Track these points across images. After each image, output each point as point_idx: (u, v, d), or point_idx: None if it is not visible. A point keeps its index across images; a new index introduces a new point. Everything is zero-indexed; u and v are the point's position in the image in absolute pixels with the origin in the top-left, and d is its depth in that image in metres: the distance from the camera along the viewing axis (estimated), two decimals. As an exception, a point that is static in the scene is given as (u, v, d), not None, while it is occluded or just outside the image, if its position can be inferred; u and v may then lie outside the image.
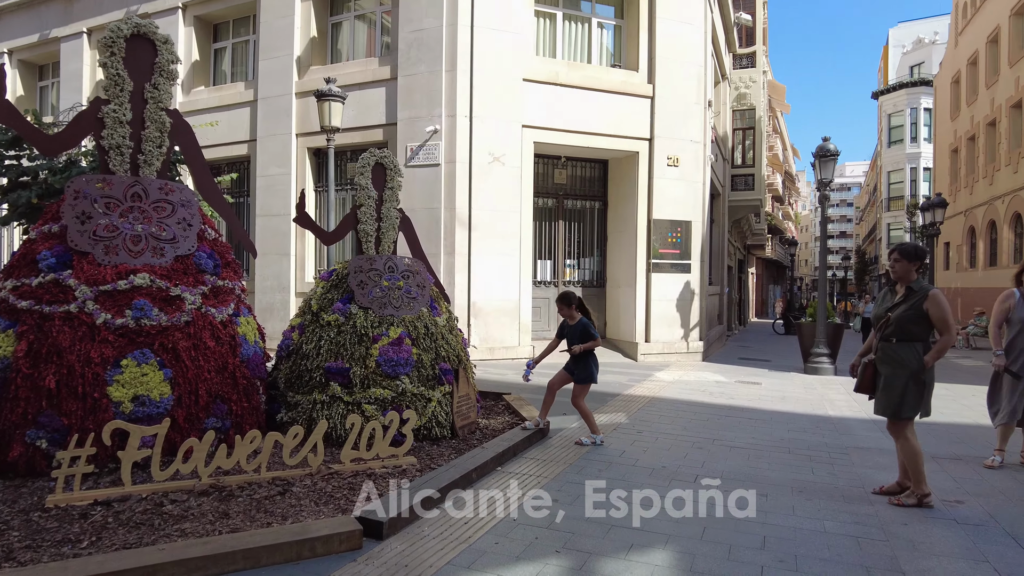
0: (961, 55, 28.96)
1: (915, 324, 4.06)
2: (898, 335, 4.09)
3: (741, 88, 20.55)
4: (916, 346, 4.04)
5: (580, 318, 5.52)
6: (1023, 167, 21.58)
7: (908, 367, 4.02)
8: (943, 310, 4.00)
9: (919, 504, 3.98)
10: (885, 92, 45.24)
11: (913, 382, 4.02)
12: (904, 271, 4.20)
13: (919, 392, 4.04)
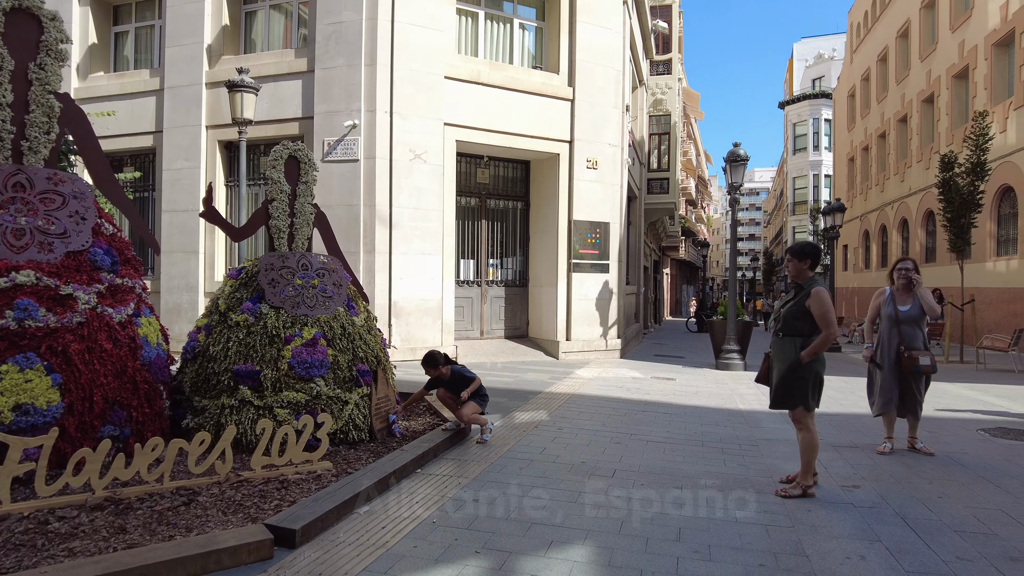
0: (856, 71, 31.04)
1: (797, 320, 4.18)
2: (784, 330, 4.25)
3: (657, 94, 21.20)
4: (796, 341, 4.17)
5: (451, 369, 5.58)
6: (909, 176, 23.34)
7: (787, 361, 4.17)
8: (823, 307, 4.06)
9: (803, 495, 4.12)
10: (790, 103, 47.80)
11: (792, 375, 4.14)
12: (796, 270, 4.32)
13: (800, 385, 4.13)
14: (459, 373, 5.53)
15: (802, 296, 4.18)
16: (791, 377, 4.16)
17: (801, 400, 4.16)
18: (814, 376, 4.18)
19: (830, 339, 4.09)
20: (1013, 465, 4.99)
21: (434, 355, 5.52)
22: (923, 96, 22.18)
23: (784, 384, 4.20)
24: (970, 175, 13.73)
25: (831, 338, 4.09)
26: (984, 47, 17.86)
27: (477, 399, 5.53)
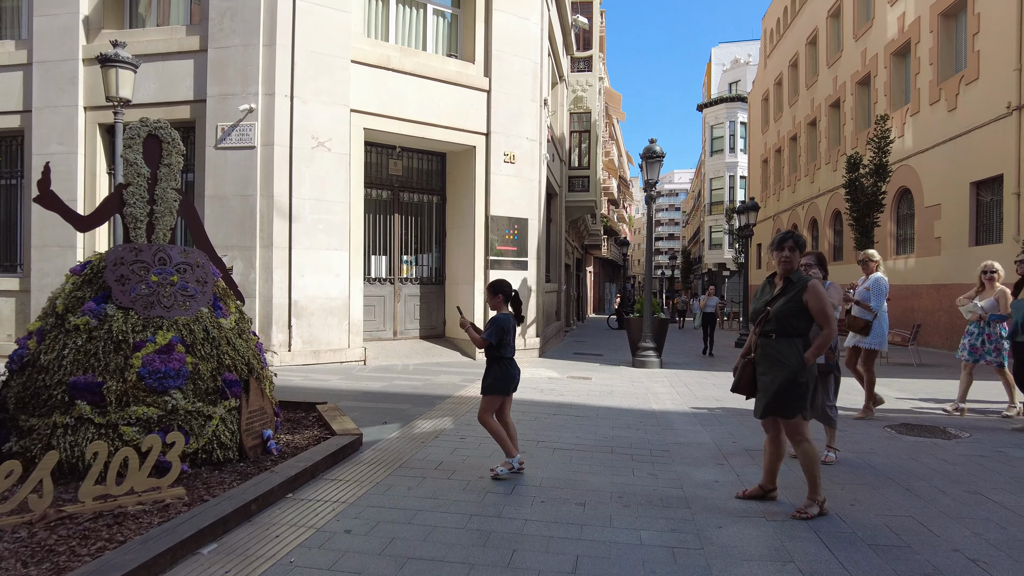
0: (769, 76, 32.10)
1: (795, 318, 3.77)
2: (778, 330, 3.82)
3: (578, 91, 21.08)
4: (796, 342, 3.76)
5: (499, 314, 4.61)
6: (818, 178, 24.23)
7: (787, 365, 3.74)
8: (823, 301, 3.72)
9: (821, 512, 3.74)
10: (707, 105, 49.19)
11: (793, 381, 3.72)
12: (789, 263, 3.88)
13: (800, 391, 3.73)
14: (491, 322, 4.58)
15: (796, 291, 3.79)
16: (793, 383, 3.73)
17: (800, 408, 3.75)
18: (813, 380, 3.85)
19: (832, 337, 3.77)
20: (919, 464, 4.90)
21: (496, 283, 4.69)
22: (830, 101, 23.07)
23: (785, 391, 3.75)
24: (874, 176, 14.22)
25: (832, 335, 3.77)
26: (884, 56, 18.66)
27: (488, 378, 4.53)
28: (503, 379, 4.50)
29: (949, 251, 15.14)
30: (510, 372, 4.54)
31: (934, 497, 4.09)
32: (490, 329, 4.51)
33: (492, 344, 4.50)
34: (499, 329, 4.50)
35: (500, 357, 4.53)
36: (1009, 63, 12.91)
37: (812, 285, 3.77)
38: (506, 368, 4.52)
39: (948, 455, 5.19)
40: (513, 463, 4.49)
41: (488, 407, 4.51)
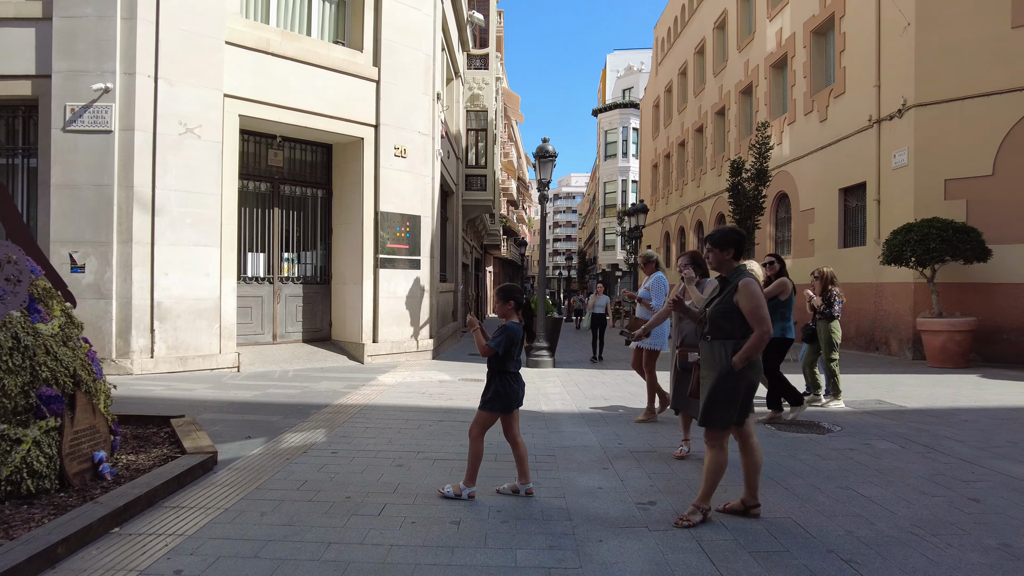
0: (660, 83, 33.27)
1: (725, 319, 3.57)
2: (712, 332, 3.64)
3: (475, 89, 20.84)
4: (727, 345, 3.55)
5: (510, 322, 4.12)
6: (704, 182, 25.29)
7: (717, 369, 3.57)
8: (753, 301, 3.47)
9: (704, 520, 3.58)
10: (602, 111, 50.49)
11: (723, 386, 3.53)
12: (718, 260, 3.72)
13: (729, 398, 3.53)
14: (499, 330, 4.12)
15: (729, 291, 3.60)
16: (722, 388, 3.55)
17: (724, 418, 3.56)
18: (747, 386, 3.58)
19: (763, 339, 3.48)
20: (797, 461, 4.97)
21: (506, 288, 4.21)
22: (716, 108, 24.13)
23: (714, 397, 3.57)
24: (754, 181, 14.89)
25: (765, 338, 3.48)
26: (764, 67, 19.69)
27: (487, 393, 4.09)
28: (504, 395, 4.05)
29: (821, 252, 16.14)
30: (512, 388, 4.09)
31: (811, 495, 4.11)
32: (499, 338, 4.05)
33: (498, 355, 4.05)
34: (508, 339, 4.05)
35: (503, 370, 4.08)
36: (870, 79, 13.88)
37: (743, 284, 3.52)
38: (508, 383, 4.08)
39: (822, 450, 5.31)
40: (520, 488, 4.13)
41: (483, 424, 4.08)
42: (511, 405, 4.09)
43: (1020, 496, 4.10)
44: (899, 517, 3.69)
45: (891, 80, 13.28)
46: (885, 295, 13.44)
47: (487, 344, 4.01)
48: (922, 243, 11.07)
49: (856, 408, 7.33)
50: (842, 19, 15.25)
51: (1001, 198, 11.65)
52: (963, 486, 4.31)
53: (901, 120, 12.93)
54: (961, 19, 12.07)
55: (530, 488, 4.12)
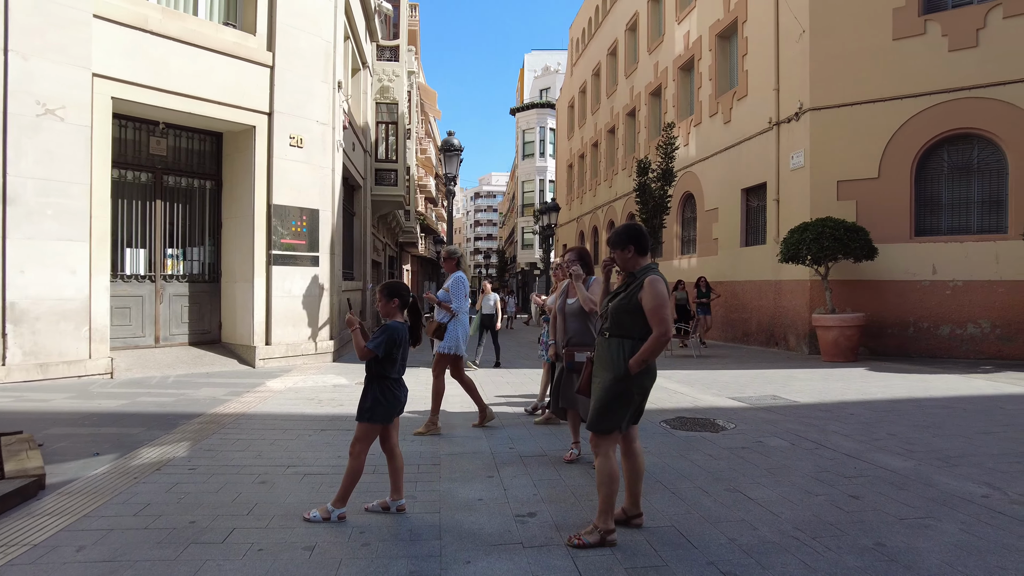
0: (575, 84, 33.56)
1: (628, 315, 3.33)
2: (612, 329, 3.39)
3: (385, 81, 20.21)
4: (625, 344, 3.30)
5: (393, 322, 3.75)
6: (616, 182, 25.63)
7: (612, 369, 3.32)
8: (655, 299, 3.21)
9: (602, 543, 3.20)
10: (520, 110, 50.62)
11: (615, 388, 3.28)
12: (622, 261, 3.45)
13: (623, 401, 3.28)
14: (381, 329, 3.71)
15: (635, 287, 3.34)
16: (613, 390, 3.29)
17: (612, 422, 3.30)
18: (640, 391, 3.33)
19: (663, 341, 3.23)
20: (688, 462, 4.85)
21: (389, 285, 3.84)
22: (628, 110, 24.50)
23: (605, 399, 3.31)
24: (661, 180, 15.10)
25: (664, 340, 3.22)
26: (673, 70, 20.10)
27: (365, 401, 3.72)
28: (385, 403, 3.65)
29: (725, 251, 16.59)
30: (394, 394, 3.70)
31: (697, 499, 3.97)
32: (379, 339, 3.63)
33: (378, 357, 3.63)
34: (389, 340, 3.64)
35: (383, 376, 3.67)
36: (770, 83, 14.34)
37: (649, 282, 3.27)
38: (389, 390, 3.68)
39: (714, 449, 5.24)
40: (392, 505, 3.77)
41: (364, 438, 3.65)
42: (392, 413, 3.73)
43: (895, 490, 4.12)
44: (782, 520, 3.59)
45: (789, 84, 13.75)
46: (783, 292, 13.92)
47: (365, 346, 3.63)
48: (816, 242, 11.48)
49: (752, 404, 7.40)
50: (744, 24, 15.71)
51: (885, 200, 12.26)
52: (845, 483, 4.30)
53: (798, 123, 13.41)
54: (850, 29, 12.62)
55: (403, 504, 3.77)
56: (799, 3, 13.27)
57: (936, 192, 12.20)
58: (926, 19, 12.00)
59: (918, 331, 12.02)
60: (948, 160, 12.10)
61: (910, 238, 12.15)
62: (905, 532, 3.40)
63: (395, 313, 3.77)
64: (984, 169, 11.80)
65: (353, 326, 3.61)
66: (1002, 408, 6.98)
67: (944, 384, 8.68)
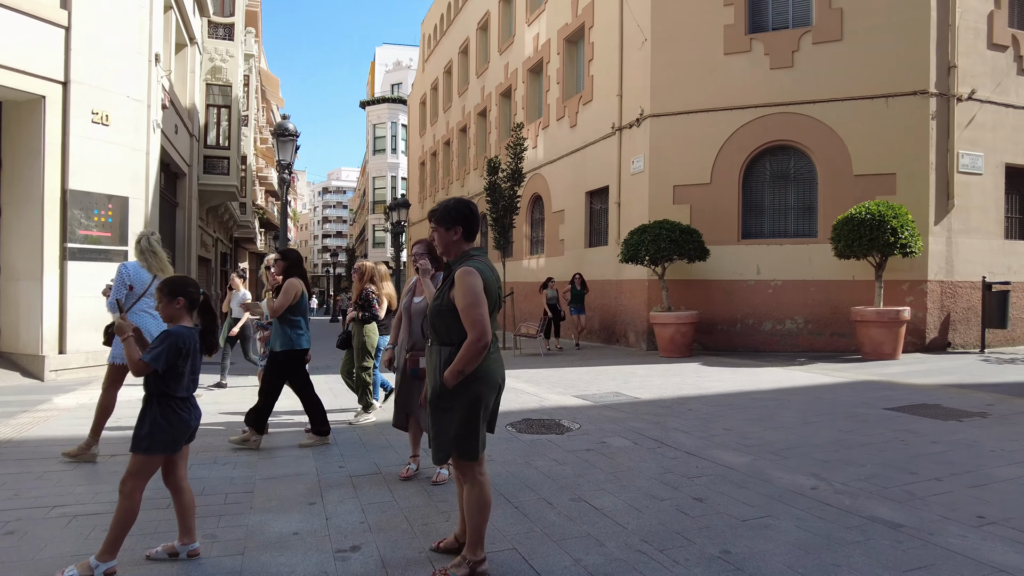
0: (427, 80, 33.01)
1: (442, 319, 2.81)
2: (431, 334, 2.91)
3: (217, 60, 18.43)
4: (444, 353, 2.79)
5: (176, 326, 2.99)
6: (468, 182, 25.45)
7: (433, 383, 2.82)
8: (468, 298, 2.69)
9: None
10: (370, 104, 49.14)
11: (438, 406, 2.79)
12: (444, 243, 2.89)
13: (449, 421, 2.77)
14: None
15: (449, 282, 2.84)
16: (438, 408, 2.80)
17: (454, 445, 2.79)
18: (472, 405, 2.77)
19: (479, 348, 2.68)
20: (532, 469, 4.58)
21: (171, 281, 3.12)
22: (479, 109, 24.39)
23: (432, 420, 2.82)
24: (510, 180, 15.04)
25: (480, 346, 2.68)
26: (522, 71, 20.24)
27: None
28: (168, 429, 2.92)
29: (571, 251, 16.93)
30: (180, 417, 2.95)
31: (541, 514, 3.67)
32: (158, 349, 2.85)
33: (157, 372, 2.86)
34: (172, 350, 2.88)
35: (165, 394, 2.92)
36: (614, 89, 14.79)
37: (460, 275, 2.75)
38: (174, 411, 2.93)
39: (559, 454, 5.02)
40: (181, 550, 3.05)
41: (140, 471, 2.90)
42: (178, 441, 3.03)
43: (736, 488, 4.10)
44: (629, 531, 3.38)
45: (631, 91, 14.24)
46: (624, 291, 14.40)
47: (140, 359, 2.90)
48: (654, 243, 11.93)
49: (596, 402, 7.37)
50: (591, 30, 16.10)
51: (716, 204, 13.05)
52: (688, 484, 4.23)
53: (639, 129, 13.92)
54: (687, 41, 13.29)
55: (195, 548, 3.09)
56: (642, 12, 13.78)
57: (760, 198, 13.19)
58: (752, 38, 12.93)
59: (745, 327, 12.92)
60: (770, 169, 13.12)
61: (738, 241, 13.02)
62: (748, 535, 3.32)
63: (182, 316, 3.07)
64: (799, 178, 12.94)
65: (124, 334, 2.90)
66: (819, 398, 7.51)
67: (770, 377, 9.27)
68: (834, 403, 7.14)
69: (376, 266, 6.52)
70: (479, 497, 2.82)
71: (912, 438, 5.40)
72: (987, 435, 5.47)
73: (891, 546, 3.15)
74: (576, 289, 14.29)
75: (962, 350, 12.06)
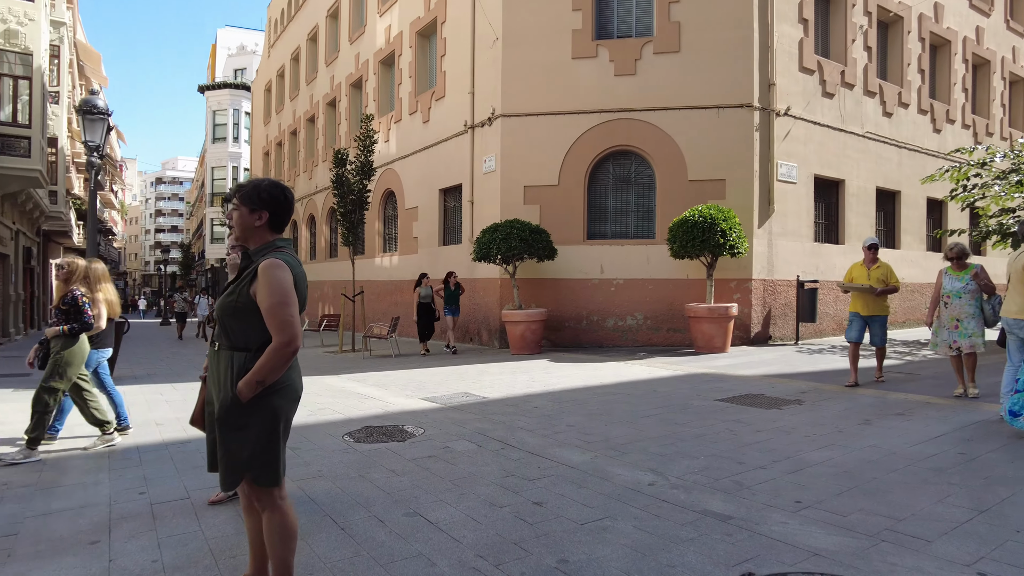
0: (272, 67, 31.06)
1: (236, 319, 2.39)
2: (220, 338, 2.44)
3: (12, 22, 15.93)
4: (240, 358, 2.38)
5: None
6: (316, 175, 24.25)
7: (223, 393, 2.38)
8: (276, 295, 2.31)
9: None
10: (211, 88, 45.57)
11: (228, 422, 2.34)
12: (243, 228, 2.48)
13: (243, 440, 2.34)
14: None
15: (248, 276, 2.40)
16: (227, 426, 2.33)
17: (249, 468, 2.34)
18: (271, 422, 2.36)
19: (287, 354, 2.30)
20: (367, 483, 4.23)
21: None
22: (328, 99, 23.28)
23: (221, 439, 2.35)
24: (360, 174, 14.40)
25: (288, 351, 2.30)
26: (374, 63, 19.55)
27: None
28: None
29: (425, 249, 16.58)
30: None
31: (371, 533, 3.34)
32: None
33: None
34: None
35: None
36: (466, 86, 14.65)
37: (264, 268, 2.35)
38: None
39: (398, 463, 4.70)
40: None
41: None
42: None
43: (576, 489, 4.03)
44: (464, 546, 3.15)
45: (483, 89, 14.17)
46: (478, 290, 14.31)
47: None
48: (505, 242, 11.93)
49: (444, 404, 7.12)
50: (444, 24, 15.84)
51: (564, 205, 13.32)
52: (529, 487, 4.09)
53: (491, 128, 13.87)
54: (538, 42, 13.44)
55: None
56: (494, 11, 13.74)
57: (604, 200, 13.64)
58: (598, 44, 13.34)
59: (590, 323, 13.30)
60: (613, 172, 13.61)
61: (583, 241, 13.38)
62: (587, 540, 3.21)
63: None
64: (639, 182, 13.54)
65: None
66: (656, 391, 7.80)
67: (612, 372, 9.54)
68: (670, 396, 7.44)
69: (92, 264, 5.43)
70: (282, 526, 2.43)
71: (740, 428, 5.69)
72: (802, 421, 5.91)
73: (722, 539, 3.19)
74: (450, 289, 13.23)
75: (781, 342, 13.25)
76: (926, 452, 4.77)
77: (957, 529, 3.29)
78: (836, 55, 14.73)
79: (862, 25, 15.02)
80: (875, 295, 7.63)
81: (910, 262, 16.02)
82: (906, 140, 16.23)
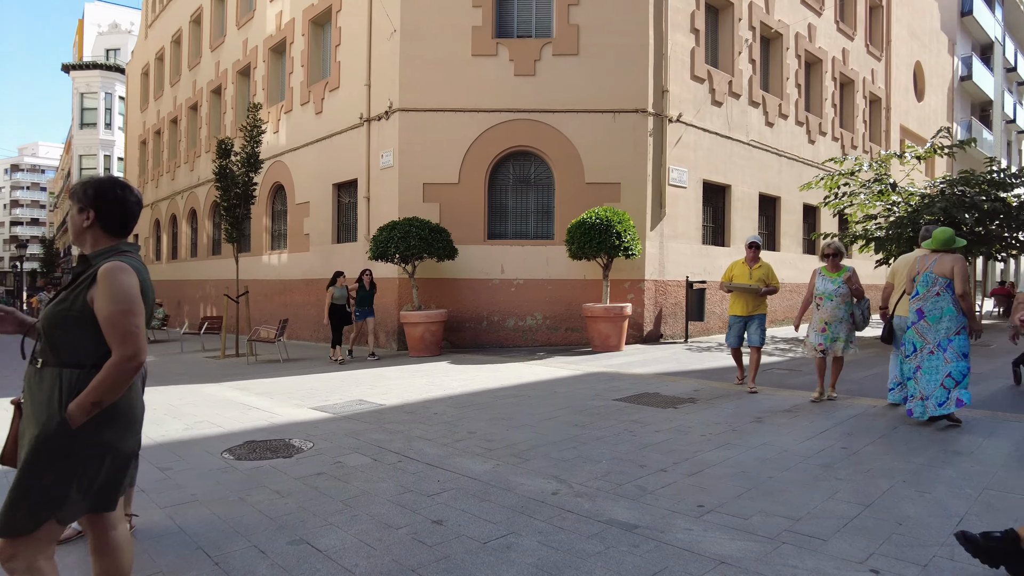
0: (151, 48, 28.78)
1: (66, 331, 2.02)
2: (44, 353, 2.05)
3: None
4: (66, 377, 2.00)
5: None
6: (199, 166, 22.68)
7: (41, 420, 1.97)
8: (119, 303, 1.99)
9: None
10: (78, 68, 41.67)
11: (44, 453, 1.93)
12: (76, 229, 2.17)
13: (58, 474, 1.94)
14: None
15: (83, 282, 2.05)
16: (42, 457, 1.94)
17: (48, 511, 1.93)
18: (102, 456, 2.02)
19: (131, 369, 2.00)
20: (248, 507, 3.82)
21: None
22: (212, 87, 21.79)
23: (26, 473, 1.93)
24: (245, 166, 13.52)
25: (131, 367, 2.00)
26: (263, 50, 18.48)
27: None
28: None
29: (317, 247, 15.83)
30: None
31: (250, 567, 2.98)
32: None
33: None
34: None
35: None
36: (362, 78, 14.10)
37: (105, 272, 2.02)
38: None
39: (284, 482, 4.30)
40: None
41: None
42: None
43: (477, 503, 3.82)
44: (355, 576, 2.87)
45: (380, 82, 13.68)
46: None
47: None
48: (404, 240, 11.55)
49: (337, 414, 6.70)
50: (339, 13, 15.18)
51: (464, 204, 13.11)
52: (428, 504, 3.84)
53: (388, 122, 13.43)
54: (438, 37, 13.13)
55: None
56: (391, 2, 13.29)
57: (504, 200, 13.55)
58: (498, 42, 13.22)
59: (490, 324, 13.17)
60: (513, 173, 13.55)
61: (484, 241, 13.22)
62: (490, 561, 3.01)
63: None
64: (539, 183, 13.56)
65: None
66: (556, 392, 7.75)
67: (513, 373, 9.43)
68: (569, 396, 7.41)
69: None
70: (116, 567, 2.11)
71: (639, 428, 5.70)
72: (697, 420, 6.01)
73: (629, 551, 3.09)
74: (364, 289, 12.15)
75: (671, 340, 13.70)
76: (814, 448, 4.95)
77: (848, 526, 3.37)
78: (724, 66, 15.44)
79: (747, 39, 15.83)
80: (759, 295, 7.52)
81: (789, 264, 17.08)
82: (785, 149, 17.31)
